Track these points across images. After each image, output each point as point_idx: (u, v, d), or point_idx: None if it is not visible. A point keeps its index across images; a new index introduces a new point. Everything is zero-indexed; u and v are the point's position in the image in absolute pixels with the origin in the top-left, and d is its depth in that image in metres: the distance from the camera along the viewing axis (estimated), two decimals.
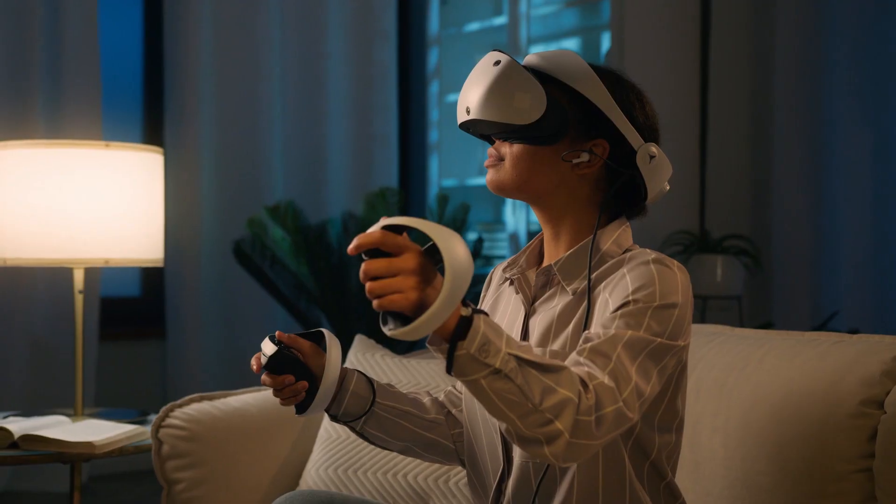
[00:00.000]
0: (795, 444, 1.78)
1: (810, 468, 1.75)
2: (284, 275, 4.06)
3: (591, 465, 1.52)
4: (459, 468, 2.11)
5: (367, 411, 1.68)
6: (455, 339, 1.27)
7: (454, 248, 1.23)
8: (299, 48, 4.66)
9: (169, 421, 2.27)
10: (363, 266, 1.24)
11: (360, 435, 1.72)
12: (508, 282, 1.69)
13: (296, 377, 1.58)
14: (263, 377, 1.59)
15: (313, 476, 2.26)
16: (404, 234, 1.28)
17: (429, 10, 4.99)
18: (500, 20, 4.71)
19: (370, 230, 1.26)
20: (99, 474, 4.24)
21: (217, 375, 4.40)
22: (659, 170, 1.60)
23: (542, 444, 1.31)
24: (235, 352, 4.46)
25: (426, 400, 1.78)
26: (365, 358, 2.45)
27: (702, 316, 4.06)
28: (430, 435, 1.75)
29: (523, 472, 1.56)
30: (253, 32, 4.52)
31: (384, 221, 1.27)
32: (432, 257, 1.27)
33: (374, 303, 1.23)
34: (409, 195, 5.08)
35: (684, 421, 1.64)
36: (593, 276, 1.55)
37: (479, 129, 1.57)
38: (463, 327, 1.27)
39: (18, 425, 2.37)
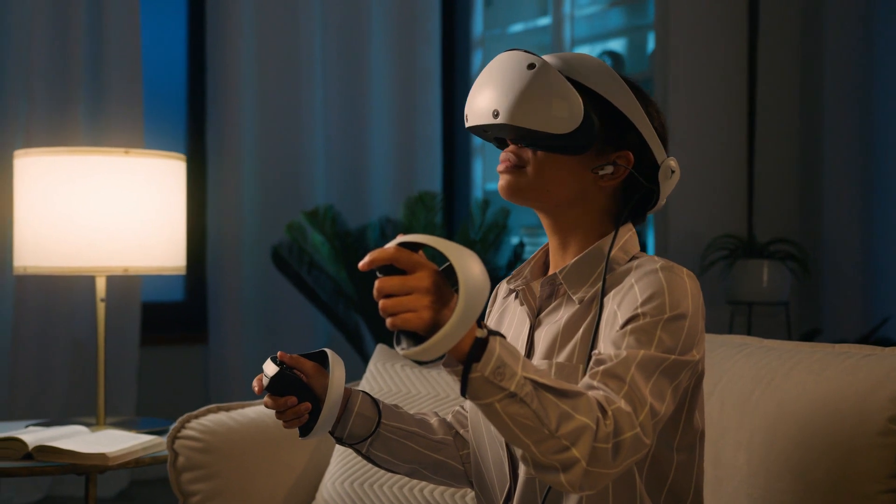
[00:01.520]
0: (821, 462, 1.71)
1: (836, 488, 1.69)
2: (323, 280, 4.03)
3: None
4: None
5: (372, 433, 1.65)
6: (469, 361, 1.22)
7: (469, 267, 1.19)
8: (342, 52, 4.64)
9: (184, 432, 2.25)
10: (377, 283, 1.21)
11: (367, 458, 1.69)
12: (514, 294, 1.63)
13: (298, 398, 1.55)
14: (265, 399, 1.56)
15: (329, 489, 2.22)
16: (420, 252, 1.24)
17: (473, 11, 4.94)
18: (545, 21, 4.64)
19: (385, 246, 1.22)
20: (141, 479, 4.26)
21: None
22: (671, 183, 1.57)
23: (558, 471, 1.26)
24: None
25: (433, 420, 1.74)
26: (385, 368, 2.40)
27: (748, 322, 3.95)
28: (438, 456, 1.71)
29: (528, 487, 1.52)
30: (295, 37, 4.50)
31: (400, 238, 1.23)
32: (449, 277, 1.23)
33: (388, 321, 1.20)
34: (454, 199, 5.03)
35: (705, 433, 1.58)
36: (599, 284, 1.51)
37: (506, 134, 1.51)
38: (478, 349, 1.22)
39: (34, 436, 2.35)
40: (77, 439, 2.36)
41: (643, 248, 4.35)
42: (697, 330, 1.43)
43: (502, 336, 1.26)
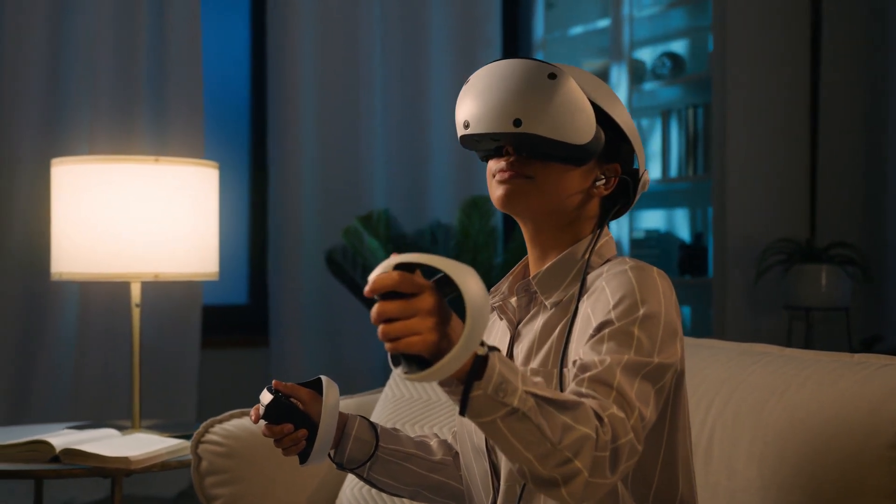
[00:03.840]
0: (831, 475, 1.67)
1: (844, 503, 1.63)
2: None
3: None
4: None
5: (370, 456, 1.66)
6: (471, 380, 1.19)
7: (470, 286, 1.16)
8: (402, 56, 4.65)
9: (208, 437, 2.27)
10: (377, 307, 1.15)
11: (368, 482, 1.70)
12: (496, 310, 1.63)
13: (295, 426, 1.56)
14: (262, 428, 1.57)
15: (349, 496, 2.23)
16: (417, 271, 1.19)
17: (534, 14, 4.91)
18: (604, 23, 4.60)
19: (384, 271, 1.16)
20: None
21: None
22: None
23: (558, 485, 1.24)
24: (338, 359, 4.48)
25: (433, 442, 1.75)
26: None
27: (806, 328, 3.86)
28: (438, 477, 1.72)
29: (509, 496, 1.53)
30: (355, 43, 4.53)
31: (395, 259, 1.18)
32: (442, 290, 1.19)
33: (388, 346, 1.14)
34: None
35: (691, 439, 1.58)
36: (574, 289, 1.51)
37: (524, 144, 1.48)
38: (479, 367, 1.19)
39: (63, 439, 2.39)
40: (105, 443, 2.40)
41: (699, 254, 4.29)
42: (673, 327, 1.42)
43: (499, 350, 1.23)
